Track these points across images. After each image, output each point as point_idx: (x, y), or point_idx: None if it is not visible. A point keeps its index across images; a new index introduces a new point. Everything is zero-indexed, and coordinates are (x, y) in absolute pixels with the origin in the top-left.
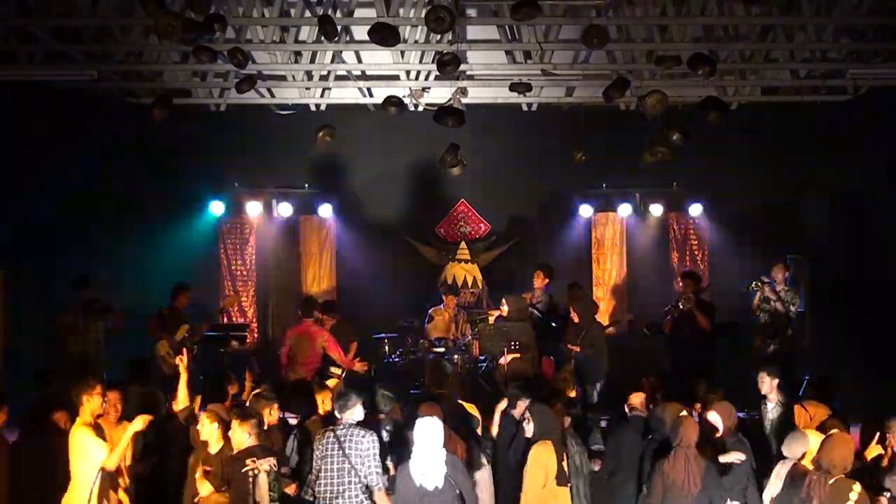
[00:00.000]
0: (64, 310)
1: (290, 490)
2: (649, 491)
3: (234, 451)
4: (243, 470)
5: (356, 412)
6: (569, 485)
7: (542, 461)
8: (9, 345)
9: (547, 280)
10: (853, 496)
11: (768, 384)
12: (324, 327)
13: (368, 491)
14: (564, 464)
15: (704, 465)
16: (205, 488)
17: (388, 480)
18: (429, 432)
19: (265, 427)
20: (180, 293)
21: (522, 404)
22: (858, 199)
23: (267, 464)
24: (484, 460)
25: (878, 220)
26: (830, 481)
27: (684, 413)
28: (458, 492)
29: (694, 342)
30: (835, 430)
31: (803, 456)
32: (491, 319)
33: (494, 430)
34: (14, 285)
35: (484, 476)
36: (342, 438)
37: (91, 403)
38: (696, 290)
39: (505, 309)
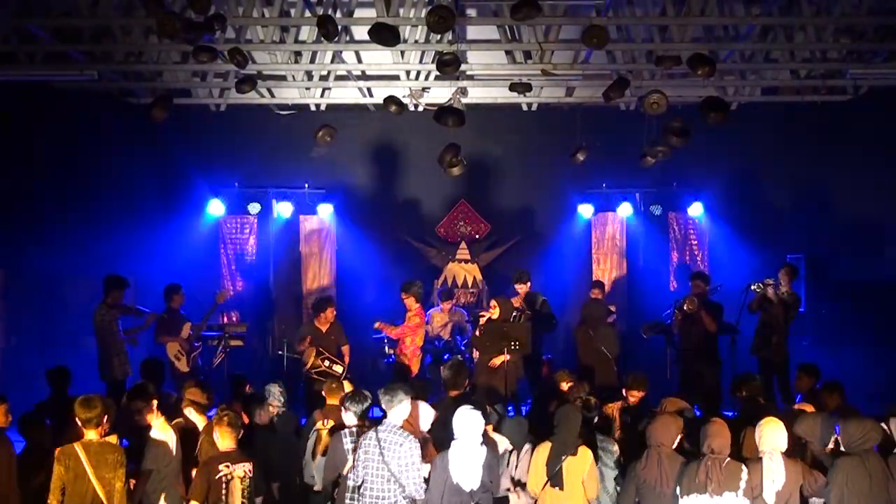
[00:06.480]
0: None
1: None
2: (621, 492)
3: (208, 456)
4: (216, 477)
5: (403, 409)
6: (557, 488)
7: (534, 461)
8: (8, 344)
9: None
10: (744, 475)
11: None
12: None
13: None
14: (565, 465)
15: (679, 464)
16: None
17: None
18: (468, 425)
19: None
20: (173, 294)
21: None
22: (858, 199)
23: (241, 469)
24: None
25: (878, 220)
26: (724, 463)
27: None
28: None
29: (700, 344)
30: (715, 419)
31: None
32: (482, 321)
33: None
34: (14, 285)
35: None
36: (383, 443)
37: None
38: (704, 290)
39: (495, 312)
